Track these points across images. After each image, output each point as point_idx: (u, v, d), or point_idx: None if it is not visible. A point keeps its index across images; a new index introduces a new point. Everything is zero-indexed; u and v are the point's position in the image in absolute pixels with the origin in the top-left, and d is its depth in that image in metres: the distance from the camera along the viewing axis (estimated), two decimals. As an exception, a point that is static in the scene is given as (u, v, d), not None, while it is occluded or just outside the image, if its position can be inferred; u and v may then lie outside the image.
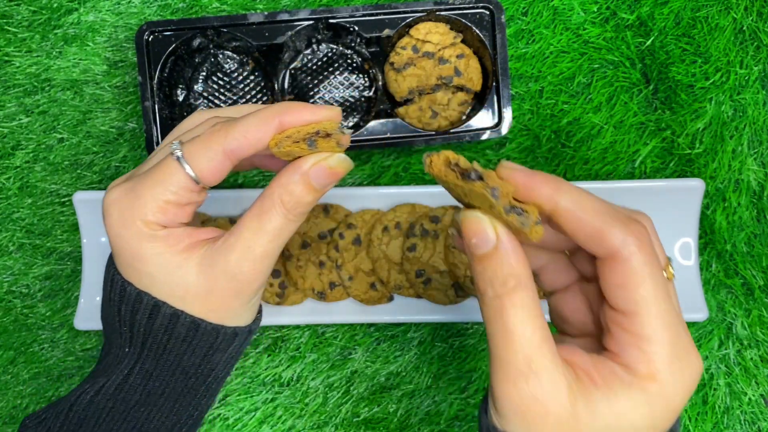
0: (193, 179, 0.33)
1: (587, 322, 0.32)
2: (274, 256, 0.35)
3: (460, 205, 0.32)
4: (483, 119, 0.52)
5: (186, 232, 0.34)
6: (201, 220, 0.52)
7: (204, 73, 0.53)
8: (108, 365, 0.36)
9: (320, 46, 0.54)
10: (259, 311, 0.40)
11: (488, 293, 0.28)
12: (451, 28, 0.52)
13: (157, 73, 0.51)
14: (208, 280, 0.34)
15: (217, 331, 0.35)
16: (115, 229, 0.34)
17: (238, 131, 0.33)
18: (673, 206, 0.52)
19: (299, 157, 0.33)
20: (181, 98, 0.53)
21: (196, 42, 0.52)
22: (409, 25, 0.52)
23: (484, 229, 0.28)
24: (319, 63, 0.54)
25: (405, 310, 0.52)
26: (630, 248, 0.27)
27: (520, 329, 0.28)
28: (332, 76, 0.54)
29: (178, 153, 0.33)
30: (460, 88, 0.52)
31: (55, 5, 0.55)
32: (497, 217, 0.28)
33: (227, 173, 0.34)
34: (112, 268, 0.36)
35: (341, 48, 0.54)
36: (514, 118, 0.54)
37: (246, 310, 0.36)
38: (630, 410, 0.27)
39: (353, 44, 0.53)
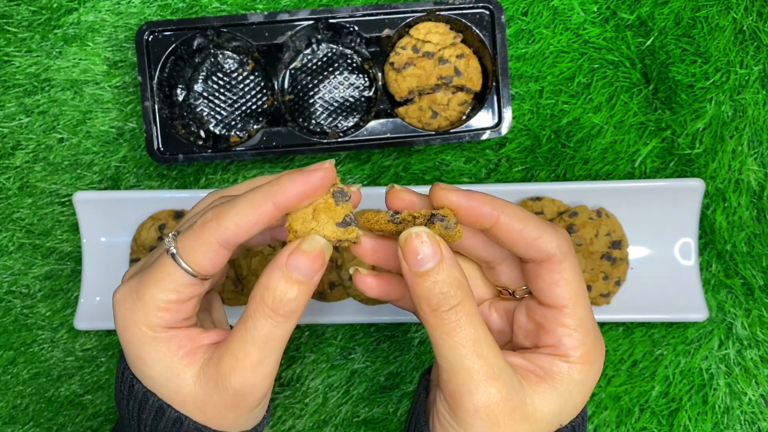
0: (191, 274, 0.32)
1: (504, 330, 0.35)
2: (270, 365, 0.32)
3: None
4: (483, 119, 0.52)
5: (189, 335, 0.33)
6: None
7: (204, 73, 0.53)
8: None
9: (320, 46, 0.54)
10: (267, 410, 0.37)
11: (442, 307, 0.29)
12: (451, 28, 0.52)
13: (157, 73, 0.51)
14: (203, 392, 0.32)
15: None
16: (120, 329, 0.33)
17: (230, 220, 0.31)
18: (673, 206, 0.52)
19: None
20: (181, 98, 0.53)
21: (196, 42, 0.52)
22: (409, 25, 0.52)
23: (428, 243, 0.29)
24: (319, 63, 0.54)
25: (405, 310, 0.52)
26: (563, 251, 0.30)
27: (482, 335, 0.29)
28: (332, 76, 0.54)
29: (173, 250, 0.32)
30: (460, 88, 0.52)
31: (55, 5, 0.55)
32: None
33: (227, 260, 0.33)
34: (123, 362, 0.35)
35: (341, 48, 0.54)
36: (514, 118, 0.54)
37: (248, 419, 0.35)
38: (572, 391, 0.31)
39: (353, 44, 0.53)
